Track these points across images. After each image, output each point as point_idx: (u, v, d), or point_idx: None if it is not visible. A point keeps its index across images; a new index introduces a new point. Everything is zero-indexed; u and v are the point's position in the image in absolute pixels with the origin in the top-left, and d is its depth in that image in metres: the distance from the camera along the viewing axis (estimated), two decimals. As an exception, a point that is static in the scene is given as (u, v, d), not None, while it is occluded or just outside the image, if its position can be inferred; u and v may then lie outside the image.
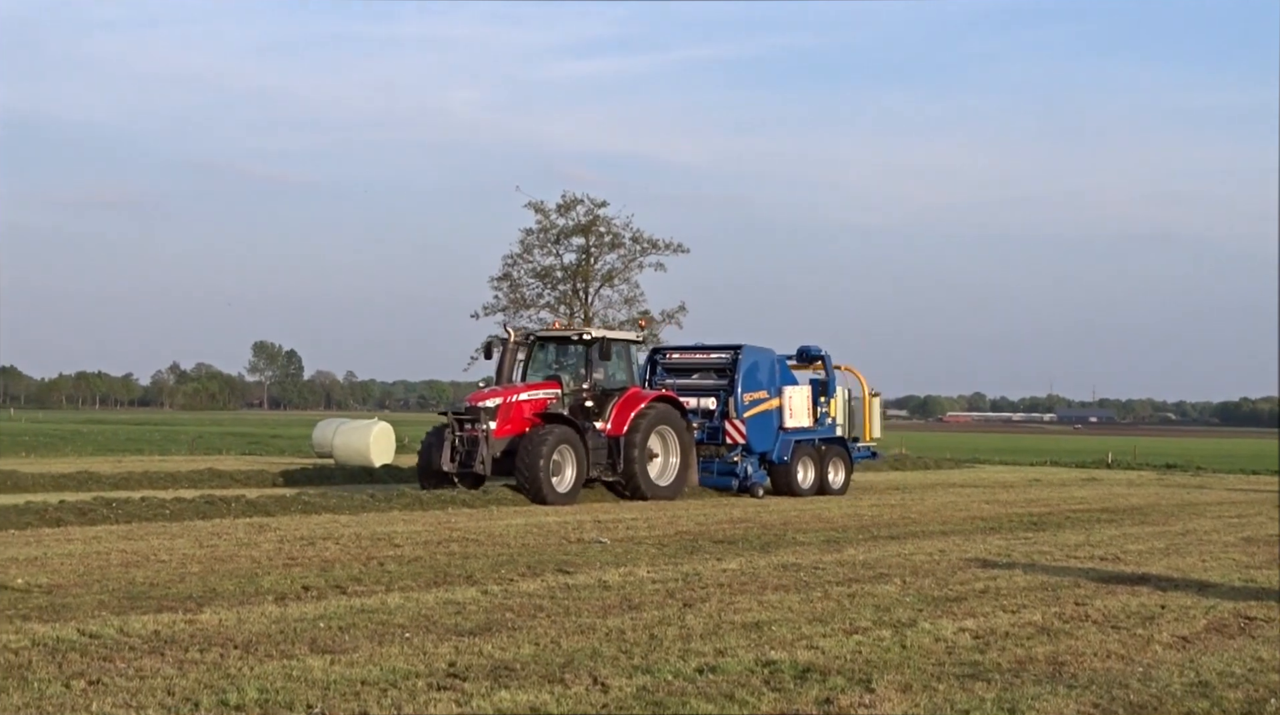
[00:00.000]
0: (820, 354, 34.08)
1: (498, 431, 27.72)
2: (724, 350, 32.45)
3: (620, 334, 30.88)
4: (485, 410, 27.74)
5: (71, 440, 60.13)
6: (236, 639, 11.15)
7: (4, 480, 29.23)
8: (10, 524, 19.99)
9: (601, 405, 28.99)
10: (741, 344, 32.02)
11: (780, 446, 31.86)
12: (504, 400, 28.07)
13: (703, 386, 31.97)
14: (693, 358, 33.00)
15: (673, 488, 29.39)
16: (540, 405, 28.53)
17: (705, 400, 31.55)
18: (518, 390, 28.53)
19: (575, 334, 29.89)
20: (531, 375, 29.68)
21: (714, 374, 32.05)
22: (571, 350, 30.10)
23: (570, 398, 28.91)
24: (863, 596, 14.36)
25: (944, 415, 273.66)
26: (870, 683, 9.86)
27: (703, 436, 31.13)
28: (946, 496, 32.50)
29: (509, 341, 29.89)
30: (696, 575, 15.85)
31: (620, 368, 30.06)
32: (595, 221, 57.81)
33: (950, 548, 19.67)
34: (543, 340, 30.41)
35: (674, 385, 31.78)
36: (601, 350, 28.82)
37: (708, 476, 31.37)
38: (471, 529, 21.36)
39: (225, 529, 20.42)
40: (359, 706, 8.87)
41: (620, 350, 30.03)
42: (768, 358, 32.47)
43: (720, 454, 31.45)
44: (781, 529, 22.42)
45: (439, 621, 12.26)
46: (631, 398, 29.29)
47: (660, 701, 9.22)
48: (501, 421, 27.83)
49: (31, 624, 11.63)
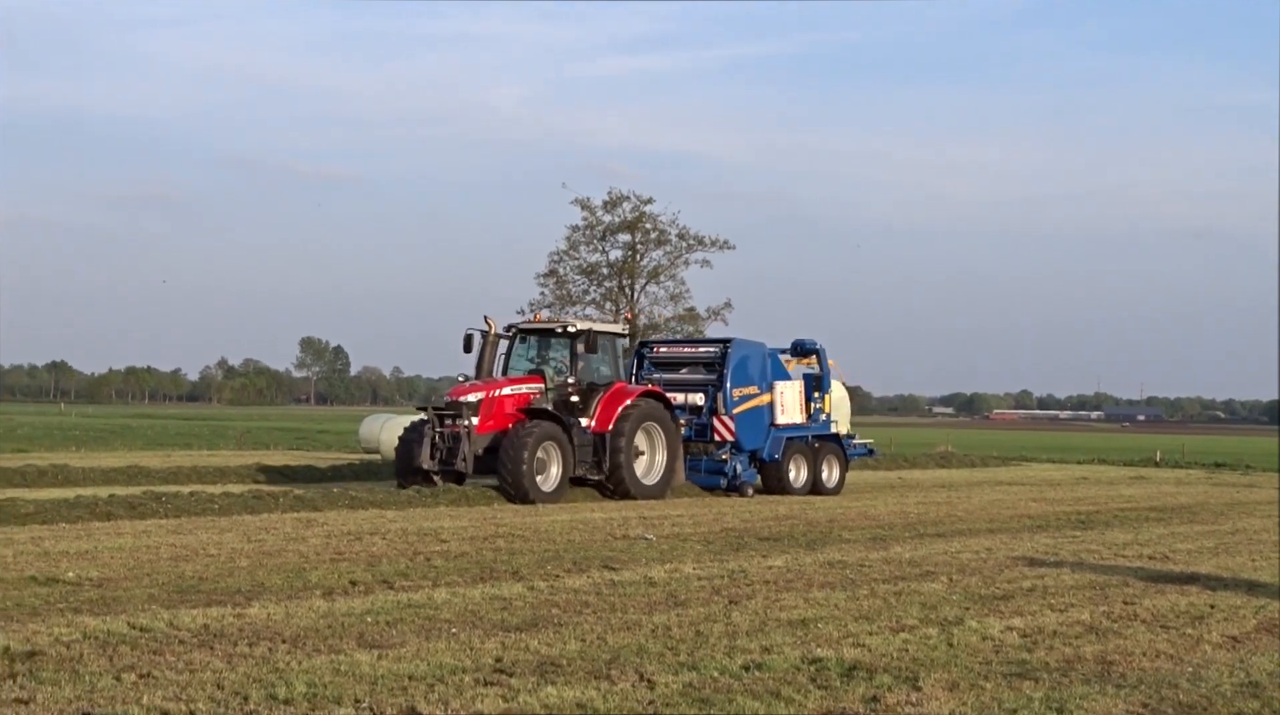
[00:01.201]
0: (815, 347, 32.95)
1: (480, 427, 26.73)
2: (713, 344, 31.65)
3: (606, 326, 29.64)
4: (467, 405, 26.77)
5: (121, 435, 60.60)
6: (285, 633, 11.21)
7: (55, 474, 29.50)
8: (61, 517, 20.17)
9: (586, 401, 27.91)
10: (731, 337, 31.07)
11: (771, 444, 30.67)
12: (486, 395, 27.05)
13: (691, 381, 30.82)
14: (681, 351, 32.03)
15: (659, 487, 28.37)
16: (523, 400, 27.52)
17: (693, 396, 30.43)
18: (500, 385, 27.52)
19: (559, 326, 28.68)
20: (512, 369, 28.62)
21: (703, 368, 30.95)
22: (555, 343, 28.98)
23: (554, 393, 27.92)
24: (909, 594, 14.32)
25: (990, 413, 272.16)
26: (917, 681, 9.83)
27: (690, 433, 30.07)
28: (993, 494, 32.36)
29: (489, 333, 28.72)
30: (742, 572, 15.84)
31: (606, 362, 28.97)
32: (641, 218, 57.83)
33: (997, 546, 19.59)
34: (524, 332, 29.22)
35: (661, 380, 30.62)
36: (588, 343, 27.66)
37: (695, 475, 30.31)
38: (517, 525, 21.41)
39: (273, 524, 20.54)
40: (406, 701, 8.90)
41: (606, 343, 28.84)
42: (758, 351, 31.43)
43: (709, 451, 30.49)
44: (827, 526, 22.37)
45: (485, 617, 12.29)
46: (617, 393, 28.22)
47: (706, 699, 9.22)
48: (484, 417, 26.83)
49: (83, 617, 11.74)
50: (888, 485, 35.53)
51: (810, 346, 32.97)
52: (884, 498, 30.38)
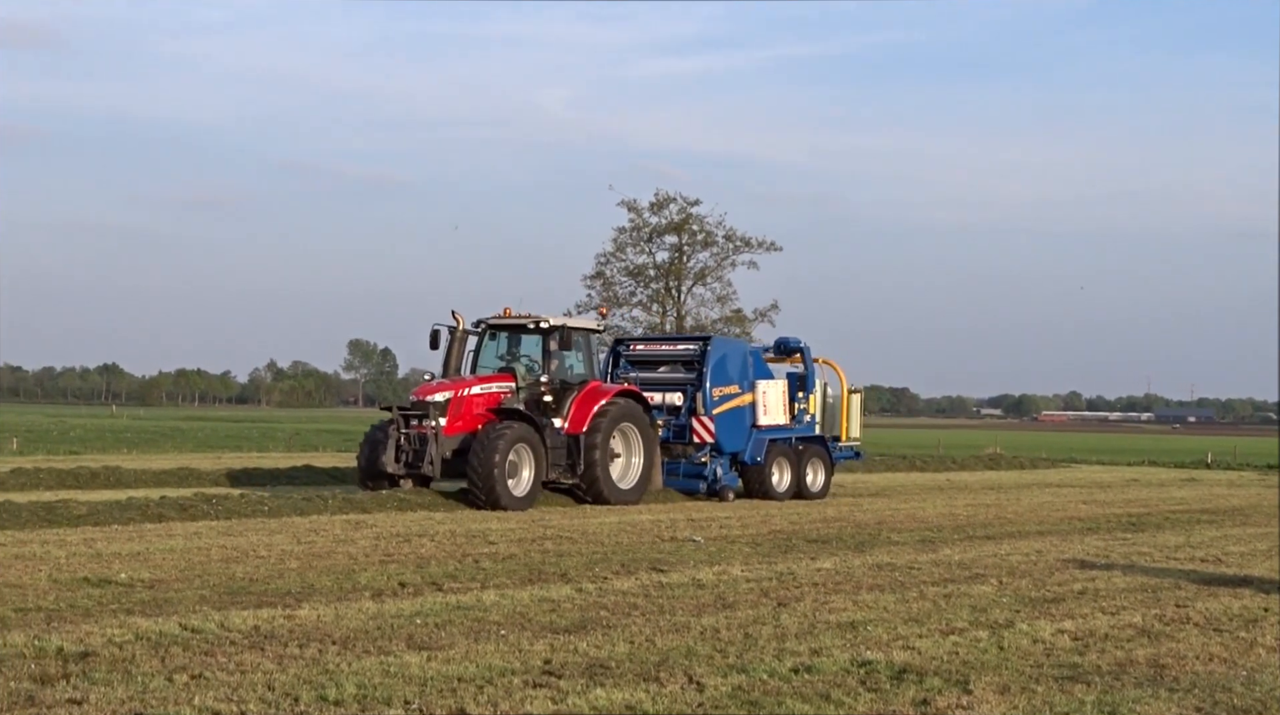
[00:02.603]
0: (799, 346, 31.70)
1: (448, 429, 25.40)
2: (692, 341, 30.48)
3: (580, 322, 28.06)
4: (434, 405, 25.44)
5: (172, 437, 61.01)
6: (335, 635, 11.26)
7: (107, 476, 29.74)
8: (113, 519, 20.32)
9: (560, 401, 26.55)
10: (710, 335, 29.92)
11: (753, 446, 29.38)
12: (454, 394, 25.69)
13: (669, 380, 29.52)
14: (658, 349, 30.89)
15: (635, 491, 27.07)
16: (494, 399, 26.17)
17: (671, 395, 29.14)
18: (469, 383, 26.17)
19: (531, 322, 26.98)
20: (482, 367, 27.23)
21: (681, 367, 29.64)
22: (526, 340, 27.58)
23: (526, 392, 26.54)
24: (959, 597, 14.26)
25: (1039, 414, 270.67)
26: (968, 684, 9.79)
27: (668, 435, 28.78)
28: (1042, 496, 32.18)
29: (457, 329, 27.20)
30: (791, 574, 15.81)
31: (580, 359, 27.68)
32: (688, 219, 57.78)
33: (1047, 548, 19.47)
34: (494, 328, 27.68)
35: (638, 379, 29.15)
36: (561, 339, 26.22)
37: (674, 479, 29.19)
38: (566, 527, 21.45)
39: (322, 525, 20.63)
40: (456, 703, 8.92)
41: (580, 340, 27.53)
42: (739, 349, 30.58)
43: (687, 454, 29.22)
44: (875, 528, 22.31)
45: (534, 619, 12.31)
46: (592, 392, 26.84)
47: (756, 701, 9.21)
48: (452, 418, 25.49)
49: (135, 618, 11.82)
50: (936, 487, 35.40)
51: (794, 344, 31.95)
52: (932, 499, 30.23)
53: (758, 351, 31.12)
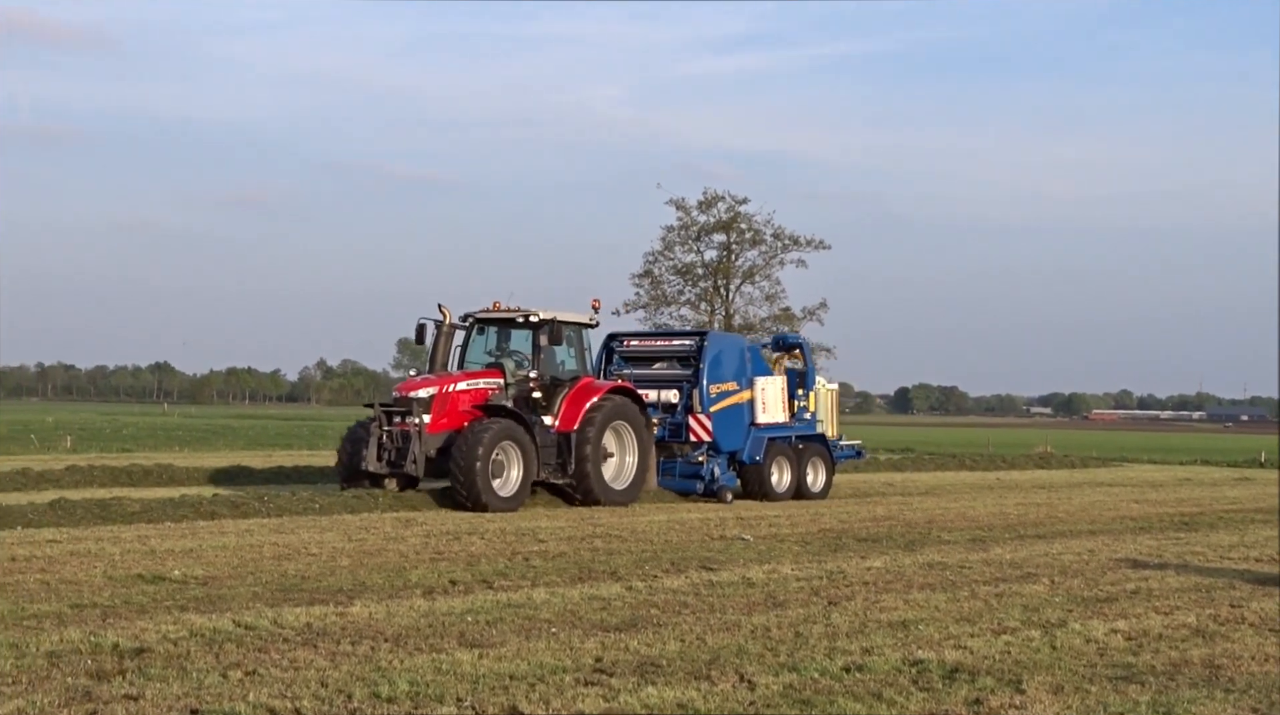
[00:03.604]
0: (798, 342, 31.31)
1: (432, 426, 24.30)
2: (688, 336, 29.68)
3: (572, 316, 26.50)
4: (418, 402, 24.39)
5: (223, 435, 61.40)
6: (386, 632, 11.32)
7: (160, 473, 29.96)
8: (166, 517, 20.47)
9: (550, 397, 25.51)
10: (706, 330, 29.35)
11: (751, 445, 28.35)
12: (439, 390, 24.60)
13: (664, 377, 28.51)
14: (653, 345, 29.99)
15: (629, 492, 25.96)
16: (481, 396, 25.10)
17: (667, 393, 28.08)
18: (455, 379, 25.12)
19: (520, 315, 25.86)
20: (469, 363, 26.30)
21: (677, 363, 28.69)
22: (515, 334, 26.54)
23: (515, 388, 25.48)
24: (1011, 596, 14.19)
25: (1089, 413, 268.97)
26: (1020, 683, 9.75)
27: (664, 433, 27.72)
28: (1094, 495, 31.96)
29: (443, 323, 26.15)
30: (841, 573, 15.77)
31: (571, 355, 26.66)
32: (736, 218, 57.92)
33: (1099, 547, 19.35)
34: (482, 322, 26.66)
35: (632, 376, 28.22)
36: (551, 334, 25.21)
37: (670, 479, 27.94)
38: (615, 525, 21.47)
39: (373, 523, 20.72)
40: (508, 701, 8.95)
41: (572, 335, 26.52)
42: (737, 345, 29.70)
43: (683, 453, 28.09)
44: (926, 527, 22.22)
45: (585, 617, 12.34)
46: (584, 389, 25.83)
47: (807, 700, 9.20)
48: (436, 414, 24.39)
49: (189, 615, 11.91)
50: (986, 486, 35.22)
51: (793, 341, 31.53)
52: (983, 498, 30.06)
53: (756, 348, 30.39)
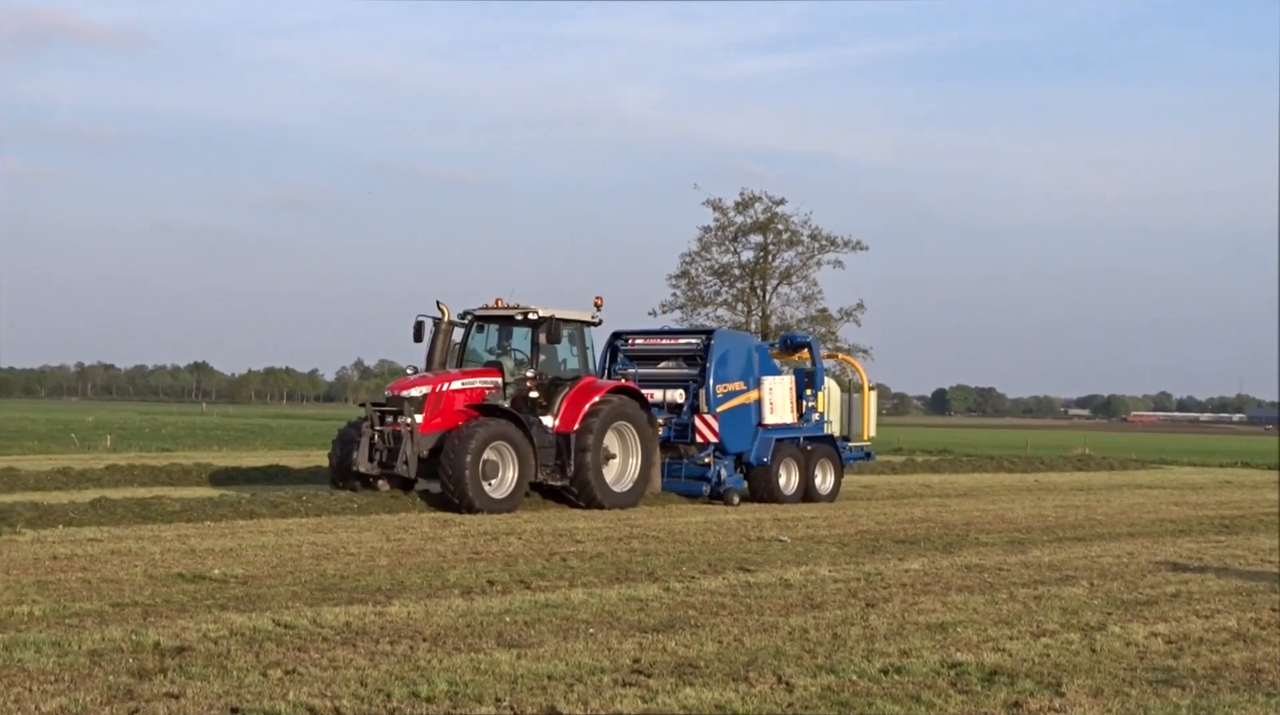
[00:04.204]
0: (806, 341, 30.72)
1: (425, 426, 23.66)
2: (694, 335, 29.17)
3: (572, 314, 25.82)
4: (410, 401, 23.79)
5: (261, 434, 61.64)
6: (425, 631, 11.36)
7: (199, 473, 30.10)
8: (206, 516, 20.58)
9: (550, 397, 24.95)
10: (713, 328, 28.71)
11: (759, 446, 27.76)
12: (433, 389, 23.99)
13: (670, 377, 27.87)
14: (659, 343, 29.12)
15: (632, 494, 25.34)
16: (477, 395, 24.47)
17: (672, 392, 27.42)
18: (449, 377, 24.45)
19: (519, 313, 25.18)
20: (469, 362, 25.62)
21: (683, 362, 28.03)
22: (515, 332, 25.81)
23: (513, 387, 24.90)
24: (1049, 599, 14.13)
25: (1128, 415, 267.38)
26: (1060, 686, 9.71)
27: (670, 434, 27.12)
28: (1133, 498, 31.79)
29: (441, 320, 25.44)
30: (878, 575, 15.74)
31: (573, 354, 26.00)
32: (773, 219, 57.92)
33: (1139, 550, 19.25)
34: (481, 320, 25.95)
35: (637, 375, 27.66)
36: (549, 332, 24.57)
37: (675, 481, 27.38)
38: (652, 526, 21.49)
39: (411, 523, 20.79)
40: (546, 701, 8.97)
41: (573, 333, 25.87)
42: (744, 344, 29.12)
43: (689, 454, 27.53)
44: (963, 529, 22.15)
45: (622, 618, 12.35)
46: (585, 389, 25.15)
47: (845, 702, 9.19)
48: (429, 414, 23.79)
49: (229, 614, 11.98)
50: (1024, 488, 35.07)
51: (802, 340, 30.97)
52: (1021, 500, 29.93)
53: (764, 347, 29.87)
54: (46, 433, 56.80)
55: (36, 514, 19.71)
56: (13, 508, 20.03)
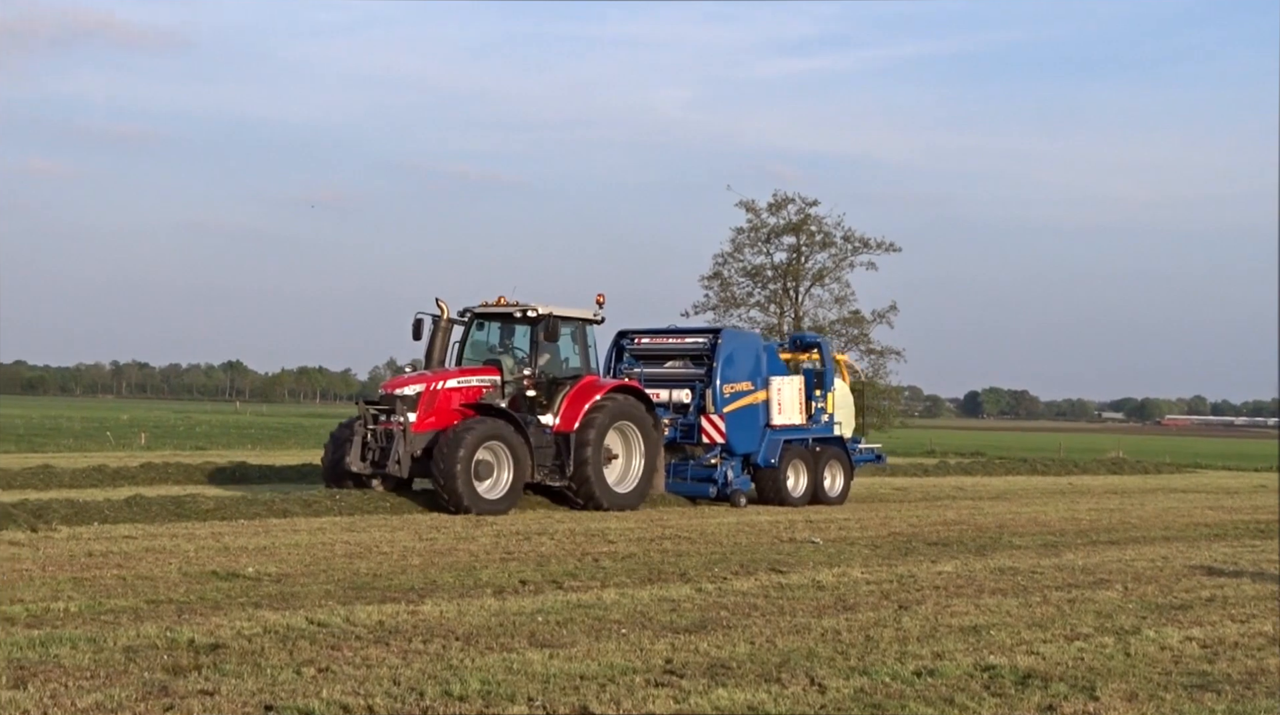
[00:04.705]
0: (816, 341, 30.29)
1: (418, 425, 23.22)
2: (701, 334, 28.64)
3: (572, 312, 25.40)
4: (403, 399, 23.39)
5: (294, 433, 61.87)
6: (458, 631, 11.39)
7: (233, 472, 30.24)
8: (240, 514, 20.67)
9: (551, 396, 24.56)
10: (721, 327, 27.66)
11: (766, 447, 27.33)
12: (427, 387, 23.59)
13: (677, 376, 27.51)
14: (665, 342, 28.61)
15: (635, 495, 24.92)
16: (474, 394, 24.08)
17: (679, 392, 27.03)
18: (445, 376, 24.08)
19: (518, 310, 24.74)
20: (469, 360, 25.20)
21: (690, 362, 27.68)
22: (516, 331, 25.38)
23: (512, 386, 24.47)
24: (1083, 602, 14.07)
25: (1162, 418, 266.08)
26: (1094, 690, 9.67)
27: (676, 435, 26.79)
28: (1167, 501, 31.63)
29: (440, 317, 25.17)
30: (911, 577, 15.71)
31: (574, 352, 25.58)
32: (806, 220, 57.77)
33: (1173, 554, 19.15)
34: (481, 317, 25.55)
35: (643, 375, 27.37)
36: (547, 329, 24.15)
37: (681, 482, 27.00)
38: (684, 526, 21.49)
39: (444, 523, 20.85)
40: (578, 701, 8.98)
41: (574, 331, 25.49)
42: (752, 343, 28.76)
43: (696, 455, 27.15)
44: (996, 532, 22.08)
45: (655, 618, 12.35)
46: (586, 388, 24.72)
47: (879, 704, 9.17)
48: (423, 413, 23.35)
49: (263, 611, 12.03)
50: (1058, 491, 34.94)
51: (811, 340, 30.58)
52: (1054, 503, 29.81)
53: (772, 347, 29.53)
54: (82, 431, 57.19)
55: (72, 511, 19.84)
56: (49, 505, 20.17)
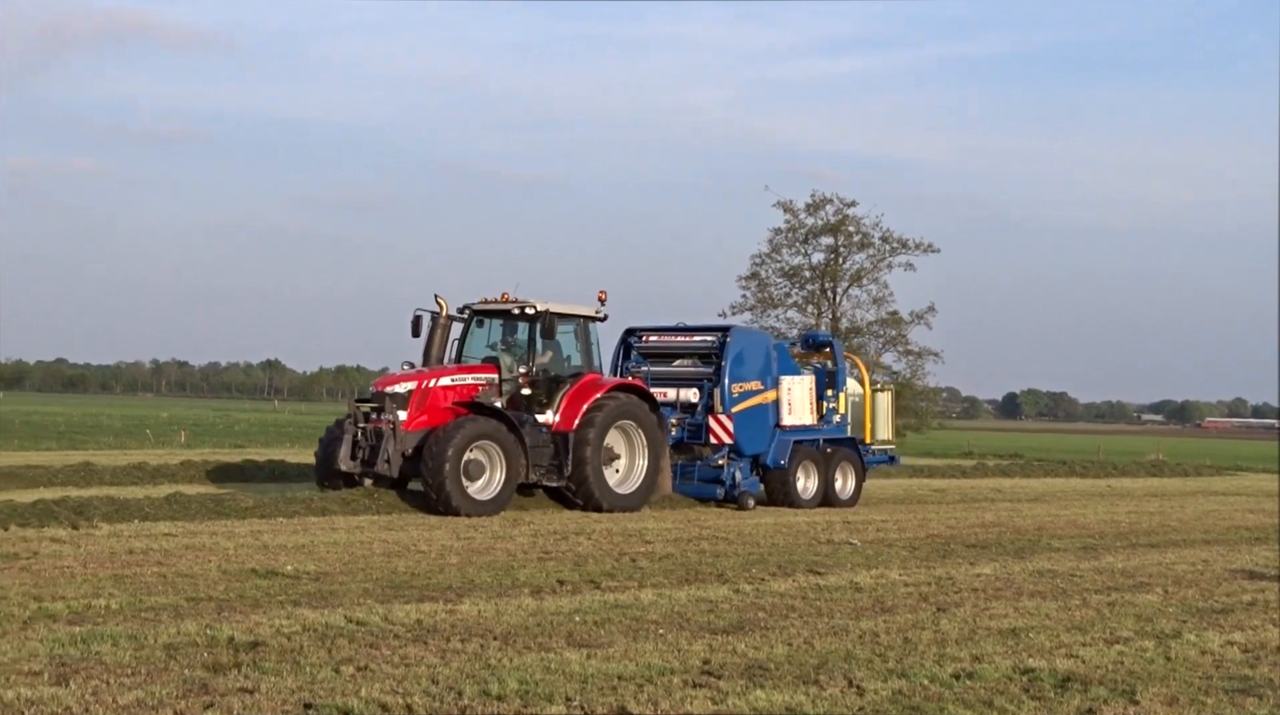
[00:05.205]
0: (828, 340, 29.93)
1: (409, 423, 22.69)
2: (710, 332, 27.69)
3: (573, 308, 24.77)
4: (393, 397, 22.89)
5: (332, 432, 62.05)
6: (495, 630, 11.40)
7: (271, 470, 30.37)
8: (278, 512, 20.73)
9: (551, 394, 24.04)
10: (730, 325, 27.45)
11: (776, 448, 26.73)
12: (419, 385, 23.07)
13: (685, 375, 26.93)
14: (673, 340, 27.79)
15: (637, 496, 24.31)
16: (468, 392, 23.46)
17: (686, 391, 26.48)
18: (438, 373, 23.49)
19: (516, 307, 24.15)
20: (468, 357, 24.58)
21: (698, 360, 27.02)
22: (518, 328, 24.75)
23: (509, 385, 23.90)
24: (1123, 606, 14.00)
25: (1202, 421, 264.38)
26: (1134, 694, 9.62)
27: (683, 435, 26.23)
28: (1208, 504, 31.43)
29: (440, 314, 24.60)
30: (949, 579, 15.65)
31: (576, 350, 24.97)
32: (844, 221, 57.68)
33: (1214, 558, 19.03)
34: (480, 314, 24.97)
35: (650, 373, 26.87)
36: (544, 327, 23.53)
37: (688, 483, 26.26)
38: (721, 527, 21.47)
39: (481, 522, 20.88)
40: (616, 701, 8.99)
41: (576, 329, 24.90)
42: (762, 342, 28.03)
43: (703, 456, 26.46)
44: (1035, 534, 21.98)
45: (692, 619, 12.34)
46: (586, 386, 24.15)
47: (917, 707, 9.14)
48: (415, 411, 22.84)
49: (302, 610, 12.08)
50: (1097, 493, 34.77)
51: (823, 339, 30.27)
52: (1093, 506, 29.66)
53: (783, 345, 28.90)
54: (122, 428, 57.55)
55: (113, 508, 19.96)
56: (90, 502, 20.29)
